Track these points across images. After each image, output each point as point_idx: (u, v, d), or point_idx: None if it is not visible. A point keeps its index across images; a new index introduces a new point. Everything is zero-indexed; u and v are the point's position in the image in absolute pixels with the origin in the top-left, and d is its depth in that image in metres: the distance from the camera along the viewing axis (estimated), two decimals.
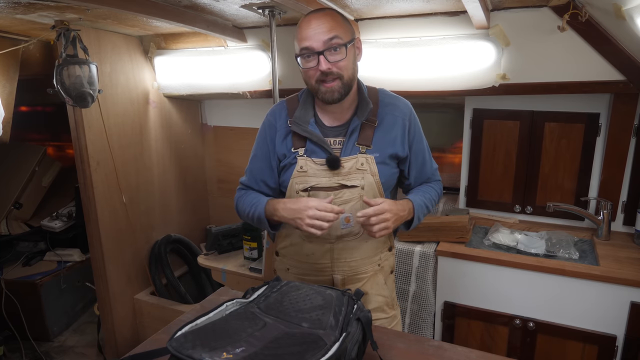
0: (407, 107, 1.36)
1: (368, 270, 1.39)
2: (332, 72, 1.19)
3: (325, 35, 1.17)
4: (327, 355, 0.83)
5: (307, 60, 1.21)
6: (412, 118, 1.35)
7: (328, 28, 1.18)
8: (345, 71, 1.21)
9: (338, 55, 1.19)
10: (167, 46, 2.50)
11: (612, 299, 1.71)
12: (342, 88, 1.22)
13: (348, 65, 1.22)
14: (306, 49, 1.20)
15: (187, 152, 2.91)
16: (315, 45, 1.18)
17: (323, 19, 1.19)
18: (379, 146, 1.30)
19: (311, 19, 1.20)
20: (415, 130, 1.36)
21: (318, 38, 1.18)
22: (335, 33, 1.18)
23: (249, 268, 2.29)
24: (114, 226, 2.40)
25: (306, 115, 1.31)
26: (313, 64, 1.20)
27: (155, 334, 1.19)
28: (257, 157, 1.39)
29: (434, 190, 1.42)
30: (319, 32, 1.18)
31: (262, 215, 1.30)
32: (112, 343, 2.52)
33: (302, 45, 1.20)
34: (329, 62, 1.18)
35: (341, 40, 1.19)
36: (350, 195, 1.29)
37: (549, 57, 1.84)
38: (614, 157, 1.99)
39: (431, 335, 2.08)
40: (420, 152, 1.38)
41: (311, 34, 1.18)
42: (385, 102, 1.34)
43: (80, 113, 2.15)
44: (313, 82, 1.23)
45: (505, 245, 2.00)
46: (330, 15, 1.21)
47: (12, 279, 2.84)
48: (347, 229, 1.31)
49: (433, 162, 1.46)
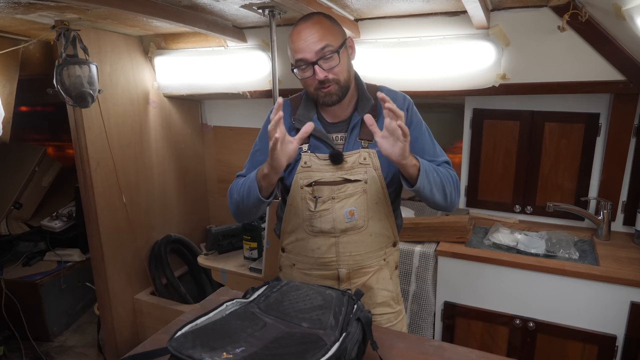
0: (404, 98, 1.38)
1: (373, 265, 1.40)
2: (328, 79, 1.23)
3: (317, 45, 1.21)
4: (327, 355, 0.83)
5: (303, 71, 1.26)
6: (410, 108, 1.37)
7: (318, 37, 1.21)
8: (340, 75, 1.25)
9: (332, 61, 1.23)
10: (167, 46, 2.50)
11: (612, 298, 1.71)
12: (339, 90, 1.26)
13: (343, 69, 1.25)
14: (301, 61, 1.24)
15: (187, 152, 2.91)
16: (309, 56, 1.22)
17: (312, 29, 1.22)
18: None
19: (301, 30, 1.23)
20: (412, 119, 1.36)
21: (310, 49, 1.21)
22: (326, 42, 1.21)
23: (249, 268, 2.29)
24: (114, 226, 2.40)
25: (309, 112, 1.35)
26: (309, 74, 1.25)
27: (155, 334, 1.19)
28: (260, 151, 1.41)
29: (442, 168, 1.32)
30: (310, 42, 1.21)
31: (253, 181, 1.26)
32: (112, 343, 2.52)
33: (296, 57, 1.24)
34: (324, 70, 1.22)
35: (332, 47, 1.22)
36: (354, 189, 1.31)
37: (549, 57, 1.84)
38: (614, 157, 1.99)
39: (431, 335, 2.08)
40: (419, 140, 1.35)
41: (303, 45, 1.22)
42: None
43: (80, 113, 2.15)
44: (312, 90, 1.28)
45: (505, 245, 2.00)
46: (319, 24, 1.24)
47: (12, 279, 2.84)
48: (352, 223, 1.33)
49: (442, 153, 1.39)
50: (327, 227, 1.33)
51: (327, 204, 1.32)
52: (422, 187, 1.19)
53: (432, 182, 1.22)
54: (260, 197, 1.25)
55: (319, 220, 1.33)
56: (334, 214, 1.32)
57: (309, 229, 1.36)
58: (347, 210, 1.31)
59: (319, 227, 1.34)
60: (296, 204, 1.36)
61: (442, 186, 1.26)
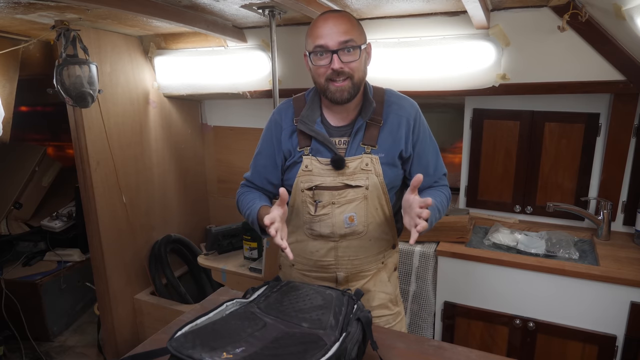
0: (412, 107, 1.36)
1: (371, 268, 1.39)
2: (343, 71, 1.20)
3: (342, 37, 1.19)
4: (327, 355, 0.83)
5: (319, 57, 1.22)
6: (417, 117, 1.35)
7: (345, 30, 1.19)
8: (356, 72, 1.22)
9: (351, 56, 1.21)
10: (167, 46, 2.50)
11: (612, 299, 1.71)
12: (351, 88, 1.23)
13: (359, 67, 1.23)
14: (320, 47, 1.20)
15: (187, 152, 2.91)
16: (331, 44, 1.19)
17: (341, 20, 1.21)
18: (384, 146, 1.31)
19: (328, 18, 1.22)
20: (420, 131, 1.35)
21: (334, 38, 1.19)
22: (351, 36, 1.20)
23: (249, 268, 2.29)
24: (114, 226, 2.40)
25: (313, 114, 1.32)
26: (325, 62, 1.21)
27: (155, 334, 1.19)
28: (261, 155, 1.41)
29: (443, 195, 1.38)
30: (336, 31, 1.19)
31: (254, 220, 1.33)
32: (112, 343, 2.52)
33: (317, 42, 1.20)
34: (342, 61, 1.20)
35: (355, 43, 1.21)
36: (355, 195, 1.30)
37: (549, 57, 1.84)
38: (614, 157, 1.99)
39: (431, 335, 2.08)
40: (424, 153, 1.36)
41: (327, 32, 1.19)
42: (390, 101, 1.34)
43: (80, 113, 2.15)
44: (322, 81, 1.24)
45: (505, 245, 2.00)
46: (347, 17, 1.23)
47: (12, 279, 2.84)
48: (351, 228, 1.32)
49: (442, 166, 1.42)
50: (327, 231, 1.33)
51: (327, 208, 1.31)
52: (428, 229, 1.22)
53: (435, 221, 1.28)
54: (263, 235, 1.33)
55: (318, 224, 1.33)
56: (334, 219, 1.31)
57: (309, 232, 1.36)
58: (347, 216, 1.30)
59: (318, 231, 1.34)
60: (297, 206, 1.36)
61: (441, 216, 1.33)
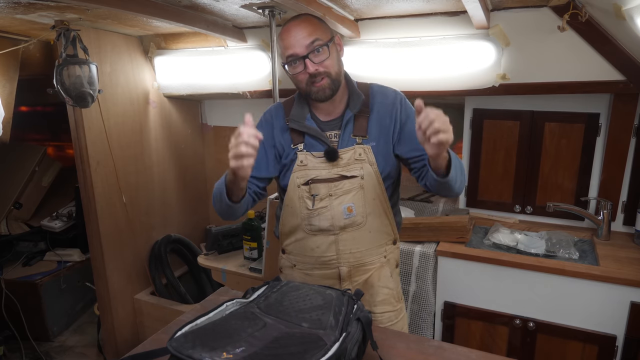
0: (396, 92, 1.40)
1: (374, 262, 1.41)
2: (319, 72, 1.25)
3: (307, 40, 1.24)
4: (327, 355, 0.83)
5: (294, 66, 1.27)
6: (402, 100, 1.38)
7: (308, 32, 1.25)
8: (331, 68, 1.27)
9: (322, 55, 1.26)
10: (167, 46, 2.50)
11: (612, 299, 1.71)
12: (331, 84, 1.28)
13: (333, 62, 1.28)
14: (291, 56, 1.26)
15: (187, 152, 2.91)
16: (299, 50, 1.24)
17: (301, 25, 1.26)
18: (374, 135, 1.34)
19: (290, 28, 1.27)
20: (408, 111, 1.35)
21: (300, 43, 1.24)
22: (316, 36, 1.25)
23: (249, 268, 2.29)
24: (114, 226, 2.40)
25: (302, 112, 1.37)
26: (300, 69, 1.27)
27: (155, 334, 1.19)
28: None
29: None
30: (300, 37, 1.24)
31: (222, 182, 1.28)
32: (112, 343, 2.52)
33: (287, 53, 1.26)
34: (315, 63, 1.24)
35: (322, 41, 1.25)
36: (351, 185, 1.33)
37: (549, 57, 1.84)
38: (614, 157, 1.99)
39: (431, 335, 2.08)
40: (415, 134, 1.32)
41: (293, 41, 1.25)
42: (374, 91, 1.38)
43: (80, 113, 2.15)
44: (304, 86, 1.29)
45: (505, 245, 2.00)
46: (307, 21, 1.27)
47: (12, 279, 2.84)
48: (350, 219, 1.34)
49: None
50: (326, 224, 1.34)
51: (325, 201, 1.33)
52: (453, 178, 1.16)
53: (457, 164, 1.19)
54: (229, 202, 1.25)
55: (317, 218, 1.34)
56: (332, 210, 1.33)
57: (308, 228, 1.37)
58: (345, 207, 1.32)
59: (317, 225, 1.35)
60: (293, 204, 1.37)
61: (462, 171, 1.23)
